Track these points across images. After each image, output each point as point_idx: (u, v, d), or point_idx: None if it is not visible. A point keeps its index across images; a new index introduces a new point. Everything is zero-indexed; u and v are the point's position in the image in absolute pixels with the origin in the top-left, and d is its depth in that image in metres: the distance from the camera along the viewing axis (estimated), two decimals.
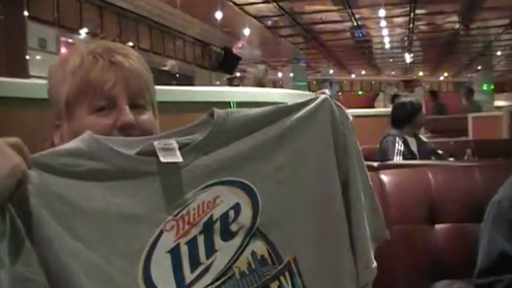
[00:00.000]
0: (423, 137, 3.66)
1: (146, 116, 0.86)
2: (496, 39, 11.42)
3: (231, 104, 1.54)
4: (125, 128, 0.82)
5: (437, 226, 1.50)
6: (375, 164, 2.19)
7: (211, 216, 0.72)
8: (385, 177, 1.53)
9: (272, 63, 13.19)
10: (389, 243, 1.44)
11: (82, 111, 0.83)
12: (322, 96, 0.81)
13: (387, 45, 11.93)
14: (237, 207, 0.73)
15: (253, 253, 0.73)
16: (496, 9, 8.61)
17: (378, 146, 3.46)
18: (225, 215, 0.72)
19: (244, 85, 8.34)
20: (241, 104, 1.53)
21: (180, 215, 0.70)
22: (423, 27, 10.43)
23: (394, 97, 10.40)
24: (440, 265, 1.49)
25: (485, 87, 15.71)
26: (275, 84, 13.13)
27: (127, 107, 0.83)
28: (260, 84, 4.95)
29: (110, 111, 0.83)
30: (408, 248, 1.47)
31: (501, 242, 1.16)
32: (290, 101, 0.81)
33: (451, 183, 1.56)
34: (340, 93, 16.50)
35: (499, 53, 13.52)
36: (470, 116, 6.60)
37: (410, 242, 1.48)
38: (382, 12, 8.69)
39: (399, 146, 3.33)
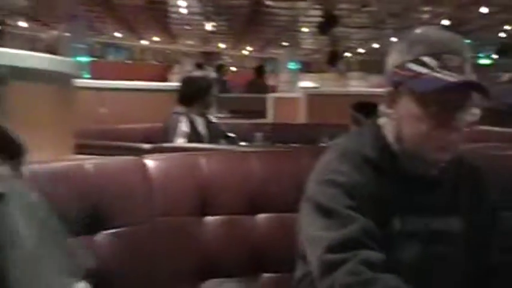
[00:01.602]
0: (213, 118, 3.81)
1: None
2: (303, 14, 12.43)
3: None
4: None
5: (209, 218, 1.57)
6: (147, 146, 2.19)
7: None
8: (151, 163, 1.55)
9: (45, 20, 12.42)
10: (152, 239, 1.49)
11: None
12: None
13: (184, 10, 12.14)
14: None
15: None
16: None
17: None
18: None
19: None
20: None
21: None
22: None
23: (199, 66, 10.60)
24: (212, 262, 1.56)
25: (292, 65, 17.01)
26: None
27: None
28: (52, 51, 4.65)
29: None
30: (175, 243, 1.51)
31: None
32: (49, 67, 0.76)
33: (225, 171, 1.64)
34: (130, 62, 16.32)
35: (304, 29, 14.74)
36: (269, 96, 7.02)
37: (178, 236, 1.52)
38: None
39: (184, 127, 3.42)
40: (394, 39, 14.83)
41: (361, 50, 19.32)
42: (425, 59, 1.25)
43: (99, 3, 11.50)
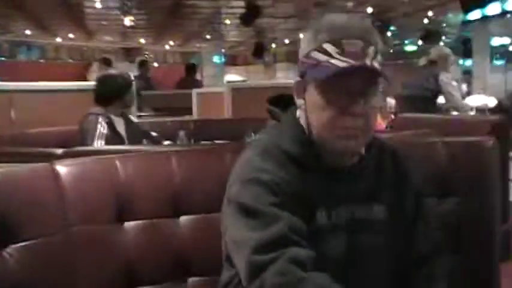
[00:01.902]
0: (134, 117, 3.75)
1: None
2: (225, 6, 12.40)
3: None
4: None
5: (128, 224, 1.54)
6: (59, 151, 2.13)
7: None
8: (62, 169, 1.50)
9: None
10: (68, 250, 1.45)
11: None
12: None
13: (98, 5, 11.87)
14: None
15: None
16: None
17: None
18: None
19: None
20: None
21: None
22: None
23: (106, 63, 10.33)
24: (135, 270, 1.54)
25: (217, 59, 16.99)
26: None
27: None
28: None
29: None
30: (93, 254, 1.48)
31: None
32: None
33: (144, 173, 1.61)
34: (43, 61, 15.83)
35: (227, 21, 14.73)
36: (194, 92, 6.97)
37: (96, 246, 1.48)
38: None
39: (102, 128, 3.34)
40: None
41: (287, 41, 19.52)
42: (326, 45, 1.27)
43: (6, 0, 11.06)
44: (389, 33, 15.77)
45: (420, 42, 18.49)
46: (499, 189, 1.86)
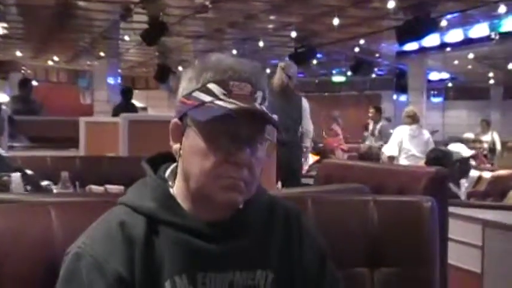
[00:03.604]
0: (2, 150, 3.61)
1: None
2: (125, 20, 12.30)
3: None
4: None
5: None
6: None
7: None
8: None
9: None
10: None
11: None
12: None
13: None
14: None
15: None
16: None
17: None
18: None
19: None
20: None
21: None
22: None
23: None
24: None
25: (112, 80, 16.79)
26: None
27: None
28: None
29: None
30: None
31: None
32: None
33: (14, 231, 1.54)
34: None
35: (127, 37, 14.64)
36: (82, 120, 6.69)
37: None
38: None
39: None
40: (234, 51, 15.27)
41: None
42: (211, 86, 1.32)
43: None
44: (314, 61, 16.16)
45: (350, 73, 19.10)
46: (437, 255, 1.90)
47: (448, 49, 14.80)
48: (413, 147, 8.15)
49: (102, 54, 16.70)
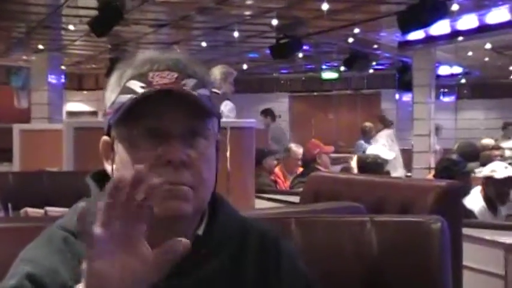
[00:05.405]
0: None
1: None
2: (69, 5, 12.28)
3: None
4: None
5: None
6: None
7: None
8: None
9: None
10: None
11: None
12: None
13: None
14: None
15: None
16: None
17: None
18: None
19: None
20: None
21: None
22: None
23: None
24: None
25: (54, 79, 16.73)
26: None
27: None
28: None
29: None
30: None
31: None
32: None
33: None
34: None
35: (71, 26, 14.60)
36: (15, 128, 6.62)
37: None
38: None
39: None
40: (204, 43, 15.28)
41: None
42: (130, 83, 1.33)
43: None
44: (300, 55, 16.18)
45: (343, 68, 19.15)
46: (449, 286, 1.90)
47: (461, 38, 14.86)
48: None
49: (41, 47, 16.60)
